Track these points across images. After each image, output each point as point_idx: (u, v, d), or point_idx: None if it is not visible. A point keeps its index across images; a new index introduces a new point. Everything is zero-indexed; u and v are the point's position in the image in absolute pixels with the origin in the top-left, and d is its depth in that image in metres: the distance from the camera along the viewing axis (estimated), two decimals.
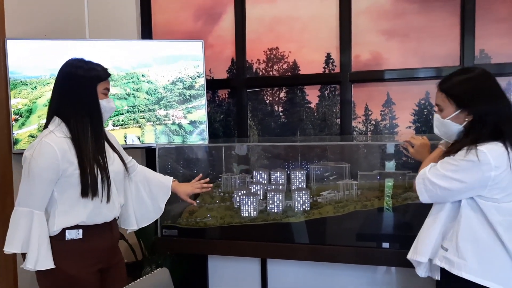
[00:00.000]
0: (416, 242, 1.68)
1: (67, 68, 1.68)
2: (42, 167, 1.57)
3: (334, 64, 2.91)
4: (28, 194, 1.59)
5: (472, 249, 1.51)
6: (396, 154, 2.49)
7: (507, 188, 1.50)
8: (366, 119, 2.89)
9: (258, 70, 3.06)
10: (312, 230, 2.26)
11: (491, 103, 1.53)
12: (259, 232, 2.30)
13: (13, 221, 1.59)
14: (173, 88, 2.82)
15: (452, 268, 1.53)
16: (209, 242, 2.35)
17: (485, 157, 1.46)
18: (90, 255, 1.67)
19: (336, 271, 2.48)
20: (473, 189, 1.51)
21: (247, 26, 3.05)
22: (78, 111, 1.63)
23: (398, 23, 2.78)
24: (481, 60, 2.65)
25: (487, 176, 1.47)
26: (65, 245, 1.62)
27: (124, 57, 2.71)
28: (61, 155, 1.57)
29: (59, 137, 1.61)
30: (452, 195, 1.55)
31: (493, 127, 1.51)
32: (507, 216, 1.49)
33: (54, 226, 1.60)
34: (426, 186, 1.59)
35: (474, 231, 1.52)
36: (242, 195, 2.41)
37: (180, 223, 2.45)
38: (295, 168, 2.64)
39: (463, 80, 1.58)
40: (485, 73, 1.58)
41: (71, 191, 1.62)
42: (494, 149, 1.48)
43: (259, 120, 3.09)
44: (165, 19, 3.21)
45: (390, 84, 2.83)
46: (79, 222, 1.63)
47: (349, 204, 2.31)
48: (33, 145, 1.61)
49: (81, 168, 1.60)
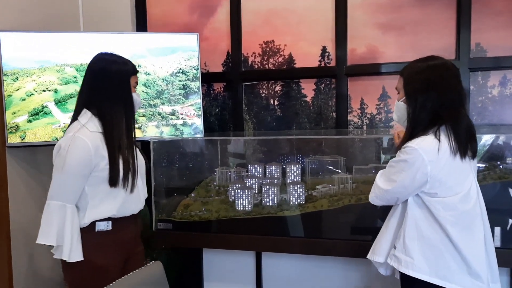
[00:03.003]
0: (374, 243, 1.70)
1: (100, 63, 1.70)
2: (76, 162, 1.60)
3: (330, 57, 2.90)
4: (61, 188, 1.63)
5: (419, 247, 1.50)
6: (391, 147, 2.49)
7: (446, 181, 1.47)
8: (361, 113, 2.88)
9: (253, 63, 3.05)
10: (307, 223, 2.26)
11: (435, 92, 1.49)
12: (254, 226, 2.31)
13: (47, 215, 1.63)
14: (174, 80, 2.75)
15: (400, 266, 1.53)
16: (204, 235, 2.35)
17: (417, 153, 1.45)
18: (117, 246, 1.73)
19: (331, 264, 2.49)
20: (415, 187, 1.49)
21: (243, 19, 3.03)
22: (114, 104, 1.67)
23: (394, 17, 2.77)
24: (477, 54, 2.64)
25: (424, 172, 1.45)
26: (95, 236, 1.68)
27: (119, 50, 2.68)
28: (94, 151, 1.61)
29: (92, 132, 1.64)
30: (398, 196, 1.55)
31: (432, 115, 1.49)
32: (452, 211, 1.47)
33: (85, 219, 1.66)
34: (375, 192, 1.61)
35: (420, 229, 1.51)
36: (237, 188, 2.41)
37: (175, 217, 2.45)
38: (290, 162, 2.64)
39: (417, 68, 1.57)
40: (443, 64, 1.55)
41: (102, 185, 1.67)
42: (423, 142, 1.46)
43: (254, 113, 3.08)
44: (160, 11, 3.18)
45: (386, 78, 2.82)
46: (110, 215, 1.69)
47: (344, 197, 2.31)
48: (66, 140, 1.63)
49: (111, 159, 1.64)
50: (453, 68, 1.55)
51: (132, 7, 3.14)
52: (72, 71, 2.57)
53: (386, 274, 1.71)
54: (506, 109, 2.62)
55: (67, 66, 2.57)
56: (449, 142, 1.46)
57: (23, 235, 2.65)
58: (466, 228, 1.49)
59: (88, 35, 2.67)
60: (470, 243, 1.48)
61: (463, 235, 1.48)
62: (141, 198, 1.83)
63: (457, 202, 1.48)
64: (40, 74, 2.52)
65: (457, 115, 1.50)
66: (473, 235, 1.50)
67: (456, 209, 1.47)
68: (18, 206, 2.60)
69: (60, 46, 2.55)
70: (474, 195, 1.52)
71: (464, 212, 1.49)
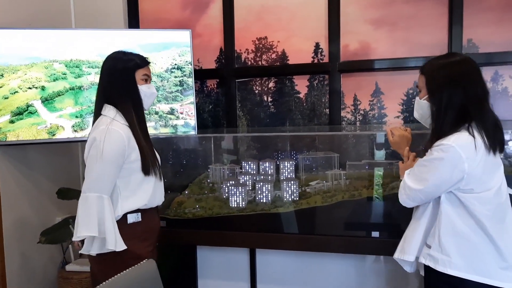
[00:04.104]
0: (403, 242, 1.68)
1: (108, 62, 1.82)
2: (113, 152, 1.67)
3: (323, 53, 2.89)
4: (99, 179, 1.68)
5: (455, 244, 1.50)
6: (385, 143, 2.50)
7: (482, 177, 1.48)
8: (355, 109, 2.89)
9: (246, 60, 3.04)
10: (301, 220, 2.27)
11: (460, 87, 1.49)
12: (248, 222, 2.31)
13: (86, 207, 1.67)
14: (170, 77, 2.71)
15: (437, 265, 1.52)
16: (197, 232, 2.35)
17: (454, 150, 1.45)
18: (147, 236, 1.82)
19: (325, 260, 2.50)
20: (450, 185, 1.49)
21: (235, 15, 3.02)
22: (124, 98, 1.76)
23: (387, 12, 2.77)
24: (469, 50, 2.65)
25: (461, 169, 1.45)
26: (127, 228, 1.74)
27: (110, 46, 2.66)
28: (127, 141, 1.70)
29: (123, 124, 1.73)
30: (432, 195, 1.54)
31: (459, 112, 1.48)
32: (488, 205, 1.48)
33: (119, 211, 1.72)
34: (407, 193, 1.59)
35: (455, 226, 1.51)
36: (230, 185, 2.41)
37: (168, 214, 2.44)
38: (284, 158, 2.64)
39: (439, 65, 1.56)
40: (465, 60, 1.55)
41: (133, 176, 1.74)
42: (460, 139, 1.46)
43: (248, 110, 3.08)
44: (152, 7, 3.16)
45: (379, 74, 2.82)
46: (142, 205, 1.77)
47: (337, 194, 2.32)
48: (100, 132, 1.69)
49: (140, 149, 1.74)
50: (474, 63, 1.54)
51: (124, 3, 3.11)
52: (61, 67, 2.50)
53: (411, 271, 1.71)
54: (498, 105, 2.63)
55: (56, 62, 2.49)
56: (482, 138, 1.46)
57: (16, 234, 2.63)
58: (501, 221, 1.50)
59: (80, 31, 2.65)
60: (505, 235, 1.49)
61: (498, 228, 1.49)
62: (163, 188, 1.91)
63: (492, 196, 1.49)
64: (26, 70, 2.43)
65: (484, 110, 1.50)
66: (507, 228, 1.51)
67: (491, 203, 1.48)
68: (11, 205, 2.59)
69: (50, 43, 2.51)
70: (505, 188, 1.54)
71: (499, 205, 1.50)
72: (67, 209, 2.94)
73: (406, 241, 1.66)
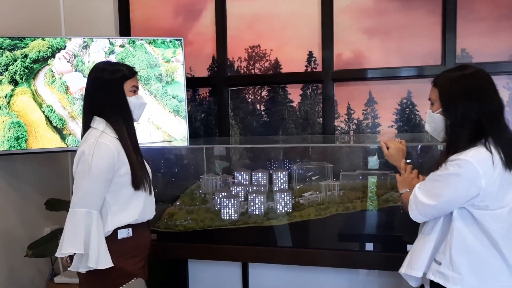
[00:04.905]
0: (410, 257, 1.63)
1: (94, 73, 1.76)
2: (102, 166, 1.63)
3: (316, 62, 2.87)
4: (87, 194, 1.64)
5: (467, 262, 1.46)
6: (379, 152, 2.47)
7: (498, 194, 1.43)
8: (348, 118, 2.86)
9: (239, 68, 3.01)
10: (294, 233, 2.23)
11: (475, 101, 1.45)
12: (240, 236, 2.27)
13: (73, 222, 1.63)
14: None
15: (447, 283, 1.47)
16: (189, 246, 2.30)
17: (472, 166, 1.40)
18: (138, 252, 1.77)
19: (318, 274, 2.47)
20: (465, 201, 1.45)
21: (228, 23, 2.99)
22: (113, 111, 1.72)
23: (380, 22, 2.75)
24: (462, 59, 2.64)
25: (478, 185, 1.41)
26: (117, 244, 1.69)
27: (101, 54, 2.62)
28: (117, 155, 1.66)
29: (113, 137, 1.69)
30: (445, 210, 1.50)
31: (474, 127, 1.44)
32: (502, 223, 1.44)
33: (109, 226, 1.67)
34: (418, 208, 1.53)
35: (467, 243, 1.47)
36: (223, 197, 2.37)
37: (159, 226, 2.40)
38: (277, 168, 2.60)
39: (453, 78, 1.51)
40: (479, 72, 1.51)
41: (123, 191, 1.70)
42: (478, 155, 1.41)
43: (240, 119, 3.04)
44: (143, 15, 3.12)
45: (372, 83, 2.81)
46: (133, 220, 1.72)
47: (331, 206, 2.29)
48: (89, 146, 1.65)
49: (131, 162, 1.70)
50: (488, 76, 1.50)
51: (115, 11, 3.07)
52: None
53: (416, 286, 1.65)
54: None
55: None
56: (499, 154, 1.42)
57: (3, 245, 2.57)
58: None
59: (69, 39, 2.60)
60: None
61: (511, 246, 1.45)
62: (154, 202, 1.87)
63: (506, 213, 1.45)
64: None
65: (500, 125, 1.46)
66: None
67: (505, 220, 1.44)
68: None
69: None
70: None
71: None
72: (56, 219, 2.88)
73: (414, 256, 1.61)
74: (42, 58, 2.52)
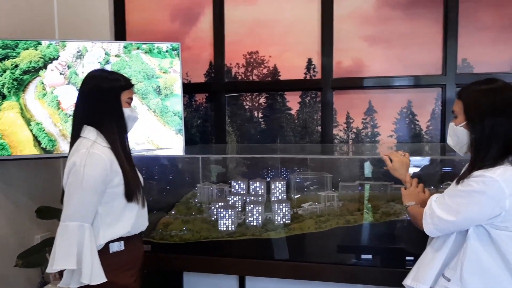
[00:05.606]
0: (417, 269, 1.58)
1: (92, 81, 1.69)
2: (94, 177, 1.56)
3: (316, 70, 2.83)
4: (79, 206, 1.57)
5: (479, 282, 1.41)
6: (379, 163, 2.42)
7: None
8: (347, 127, 2.82)
9: (237, 74, 2.95)
10: (293, 246, 2.17)
11: (504, 117, 1.39)
12: (237, 247, 2.21)
13: (65, 237, 1.55)
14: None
15: None
16: (184, 258, 2.23)
17: (498, 185, 1.34)
18: (131, 265, 1.71)
19: (318, 287, 2.41)
20: (485, 220, 1.39)
21: (226, 28, 2.93)
22: (108, 120, 1.66)
23: (381, 30, 2.72)
24: (464, 69, 2.61)
25: (502, 205, 1.35)
26: (109, 258, 1.63)
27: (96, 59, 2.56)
28: (110, 165, 1.60)
29: (105, 147, 1.62)
30: (463, 227, 1.44)
31: (501, 143, 1.38)
32: None
33: (100, 240, 1.61)
34: (435, 222, 1.46)
35: (482, 262, 1.41)
36: (219, 207, 2.31)
37: (154, 237, 2.33)
38: (275, 178, 2.55)
39: (481, 91, 1.45)
40: (507, 87, 1.44)
41: (116, 202, 1.64)
42: (506, 174, 1.35)
43: (238, 126, 2.99)
44: (139, 19, 3.06)
45: (372, 92, 2.77)
46: (125, 233, 1.66)
47: (331, 218, 2.24)
48: (81, 156, 1.58)
49: (124, 173, 1.64)
50: None
51: (111, 14, 3.00)
52: None
53: None
54: None
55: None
56: None
57: None
58: None
59: (63, 43, 2.53)
60: None
61: None
62: (147, 213, 1.82)
63: None
64: None
65: None
66: None
67: None
68: None
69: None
70: None
71: None
72: (46, 227, 2.81)
73: (421, 269, 1.56)
74: (34, 68, 2.43)
